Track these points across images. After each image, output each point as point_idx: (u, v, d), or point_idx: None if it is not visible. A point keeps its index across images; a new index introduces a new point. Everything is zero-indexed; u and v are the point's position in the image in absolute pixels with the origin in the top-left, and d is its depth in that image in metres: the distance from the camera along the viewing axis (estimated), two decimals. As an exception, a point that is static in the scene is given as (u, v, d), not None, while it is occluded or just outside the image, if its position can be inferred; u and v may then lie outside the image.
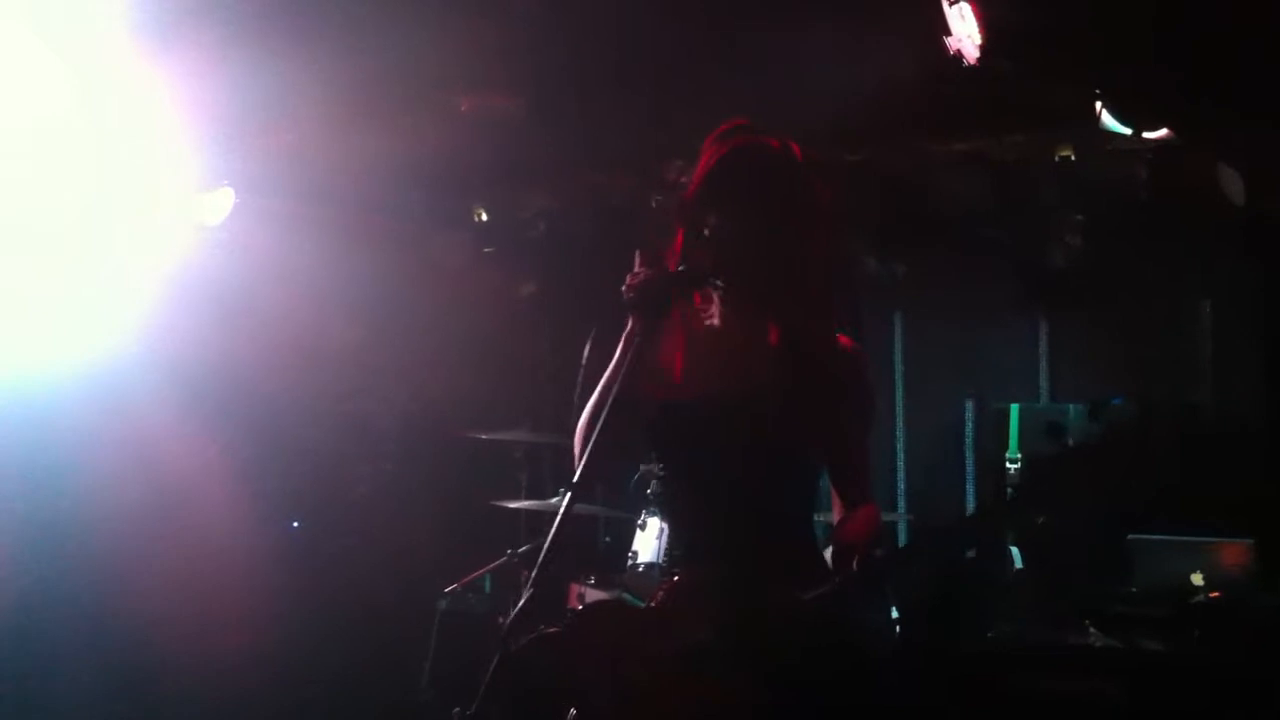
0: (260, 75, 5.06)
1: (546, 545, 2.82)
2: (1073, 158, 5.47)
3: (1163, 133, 5.18)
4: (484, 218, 6.81)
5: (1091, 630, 4.61)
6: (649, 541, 5.19)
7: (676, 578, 3.00)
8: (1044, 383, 5.84)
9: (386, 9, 4.91)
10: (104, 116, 5.16)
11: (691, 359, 3.04)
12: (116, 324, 5.37)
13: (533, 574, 2.77)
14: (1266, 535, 4.63)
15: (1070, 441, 2.74)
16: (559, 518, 2.85)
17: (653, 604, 3.04)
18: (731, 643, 2.79)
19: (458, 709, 2.88)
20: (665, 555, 3.17)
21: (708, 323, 3.07)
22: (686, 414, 3.00)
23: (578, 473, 2.92)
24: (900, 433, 5.91)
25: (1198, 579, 4.52)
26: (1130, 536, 4.77)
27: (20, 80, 4.94)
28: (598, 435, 2.88)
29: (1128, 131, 5.12)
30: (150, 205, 5.52)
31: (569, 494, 2.87)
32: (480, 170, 6.49)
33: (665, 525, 5.16)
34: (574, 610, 5.36)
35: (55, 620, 5.34)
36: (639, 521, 5.26)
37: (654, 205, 6.43)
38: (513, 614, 2.77)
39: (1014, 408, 5.37)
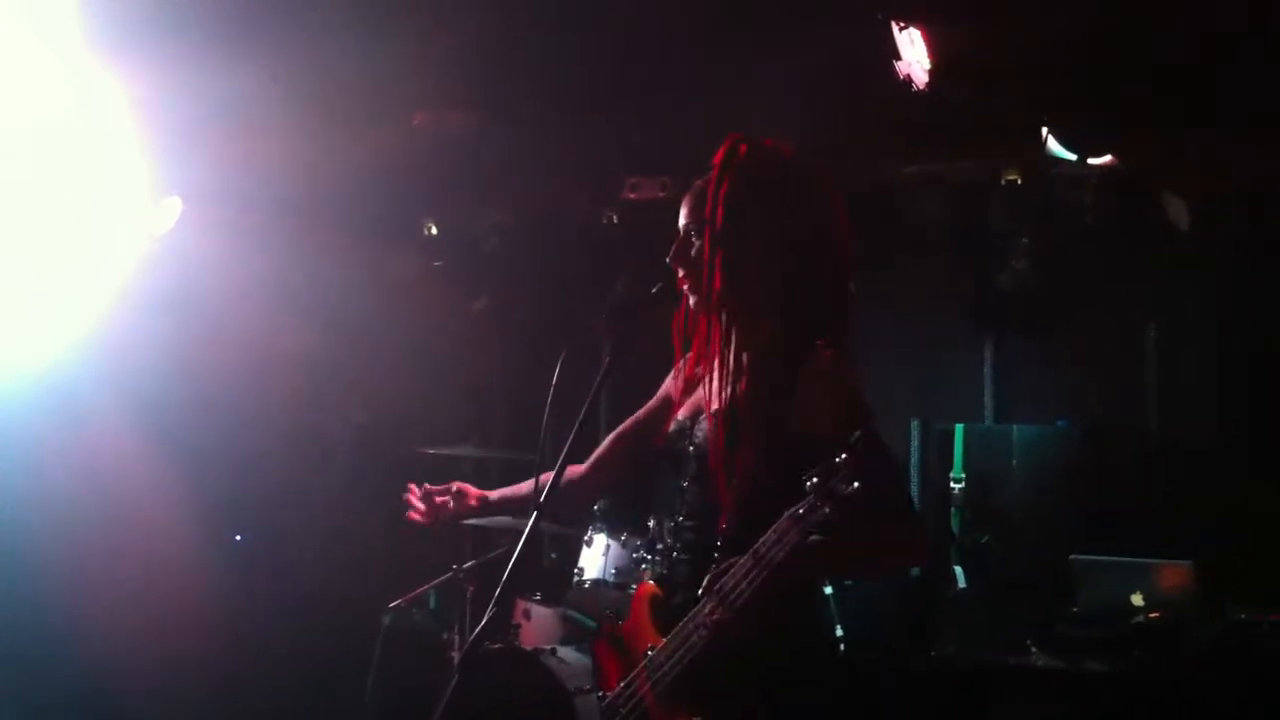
0: (213, 84, 5.03)
1: (510, 565, 2.82)
2: (1019, 181, 5.55)
3: (1107, 159, 5.28)
4: (434, 231, 6.80)
5: (1034, 650, 4.67)
6: (595, 558, 5.18)
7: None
8: (989, 404, 5.90)
9: (342, 21, 4.90)
10: (59, 122, 5.12)
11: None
12: (66, 331, 5.31)
13: (496, 594, 2.77)
14: (1211, 555, 4.70)
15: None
16: (524, 537, 2.86)
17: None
18: None
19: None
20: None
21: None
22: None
23: (543, 494, 2.93)
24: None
25: (1138, 599, 4.59)
26: (1072, 557, 4.82)
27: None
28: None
29: (1073, 157, 5.20)
30: (101, 213, 5.46)
31: (535, 514, 2.89)
32: (433, 183, 6.48)
33: (610, 541, 5.18)
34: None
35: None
36: (585, 538, 5.26)
37: (606, 222, 6.46)
38: (472, 634, 2.77)
39: (959, 428, 5.43)
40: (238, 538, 6.13)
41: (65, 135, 5.14)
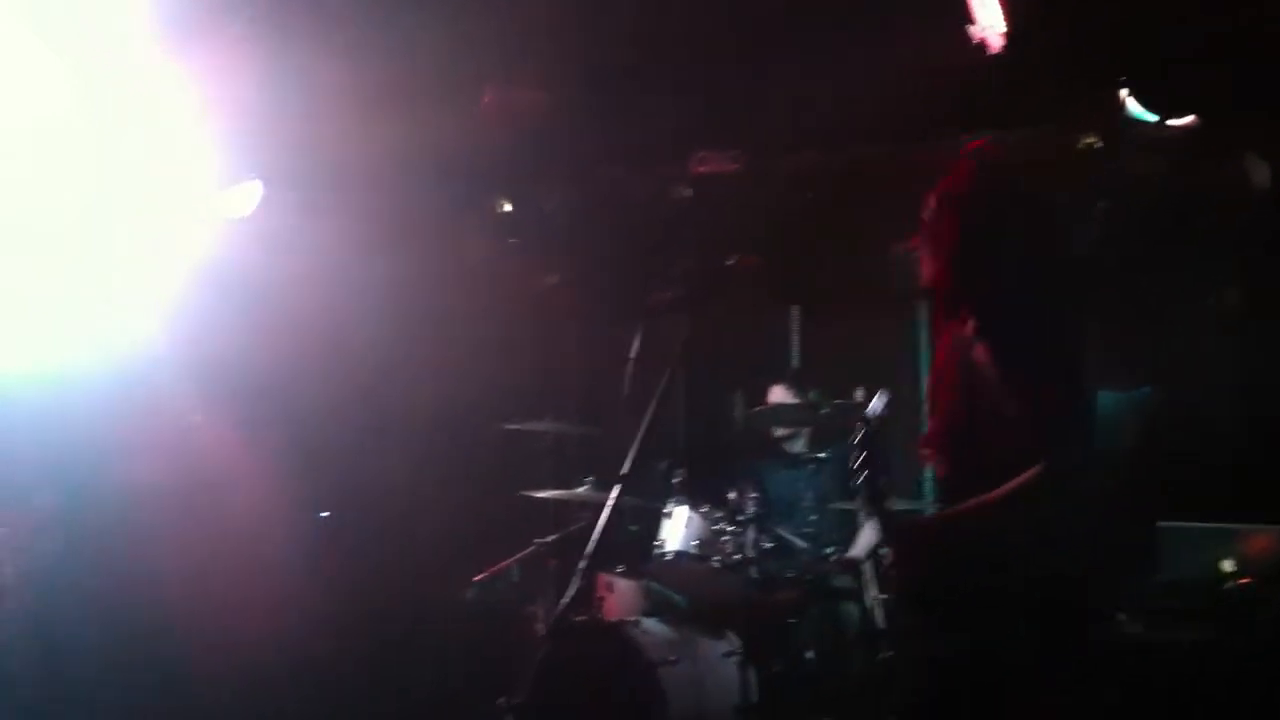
0: (286, 68, 5.09)
1: (596, 538, 2.86)
2: (1098, 145, 5.47)
3: (1189, 120, 5.19)
4: (508, 209, 6.83)
5: (1122, 619, 4.62)
6: (677, 530, 5.21)
7: None
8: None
9: (413, 1, 4.94)
10: (129, 111, 5.18)
11: None
12: (142, 319, 5.39)
13: (581, 566, 2.81)
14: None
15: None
16: (608, 509, 2.90)
17: None
18: None
19: (503, 699, 2.93)
20: None
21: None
22: None
23: (628, 464, 2.98)
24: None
25: (1228, 566, 4.53)
26: (1159, 524, 4.77)
27: (25, 78, 4.94)
28: None
29: (1153, 119, 5.12)
30: (177, 199, 5.54)
31: (619, 486, 2.92)
32: (505, 162, 6.51)
33: (691, 514, 5.21)
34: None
35: (86, 616, 5.37)
36: (666, 510, 5.28)
37: (679, 198, 6.46)
38: (559, 607, 2.82)
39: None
40: (323, 515, 6.21)
41: (139, 123, 5.20)
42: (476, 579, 5.80)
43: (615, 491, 2.95)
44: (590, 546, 2.93)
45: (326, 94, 5.35)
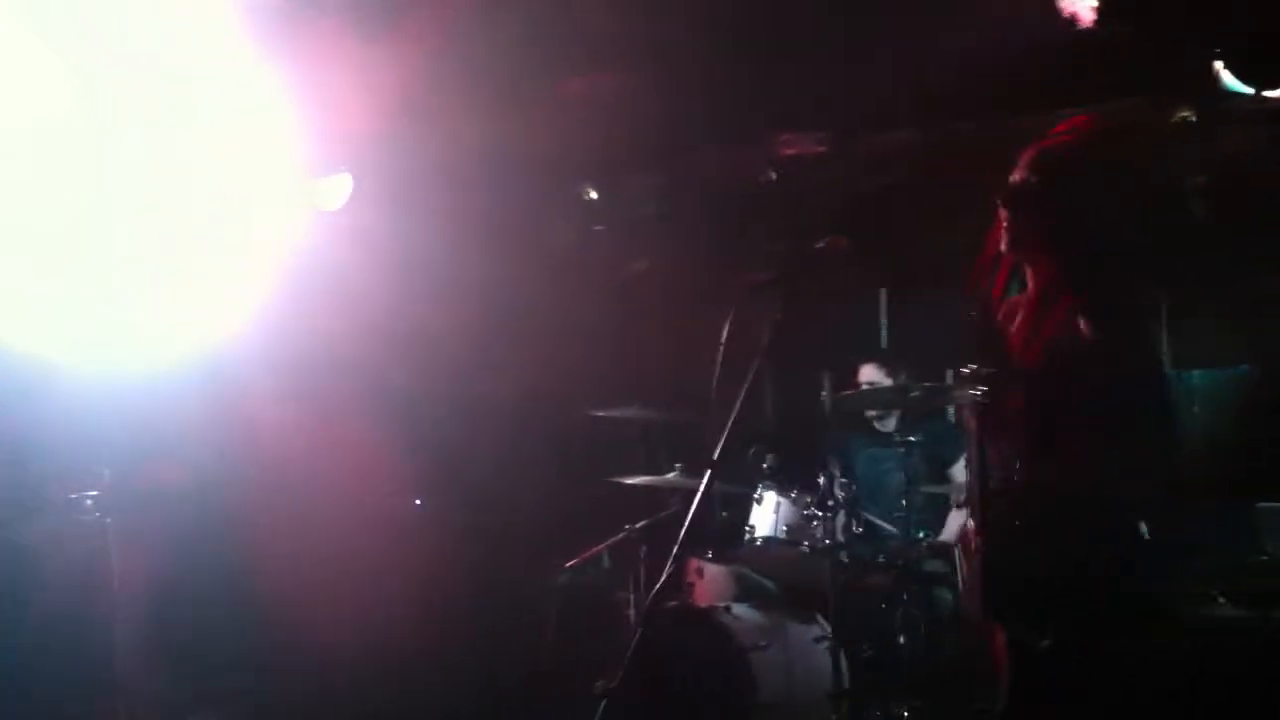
0: (375, 62, 5.14)
1: (687, 523, 2.88)
2: (1192, 119, 5.35)
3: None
4: (593, 196, 6.84)
5: (1221, 600, 4.54)
6: (766, 515, 5.21)
7: None
8: (1166, 350, 5.73)
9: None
10: (223, 104, 5.26)
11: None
12: (237, 311, 5.48)
13: (673, 551, 2.83)
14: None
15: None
16: (699, 495, 2.91)
17: None
18: None
19: (600, 682, 2.96)
20: None
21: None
22: None
23: (718, 450, 2.99)
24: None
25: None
26: (1259, 504, 4.68)
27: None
28: None
29: (1249, 91, 5.00)
30: (268, 192, 5.62)
31: (710, 471, 2.94)
32: (589, 150, 6.53)
33: (781, 499, 5.20)
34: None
35: (192, 601, 5.50)
36: (755, 496, 5.28)
37: (765, 180, 6.42)
38: (651, 592, 2.84)
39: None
40: (417, 503, 6.30)
41: (230, 116, 5.27)
42: (568, 565, 5.85)
43: (706, 477, 2.95)
44: (681, 532, 2.94)
45: (414, 86, 5.40)
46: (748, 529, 5.26)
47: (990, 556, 2.95)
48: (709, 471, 3.10)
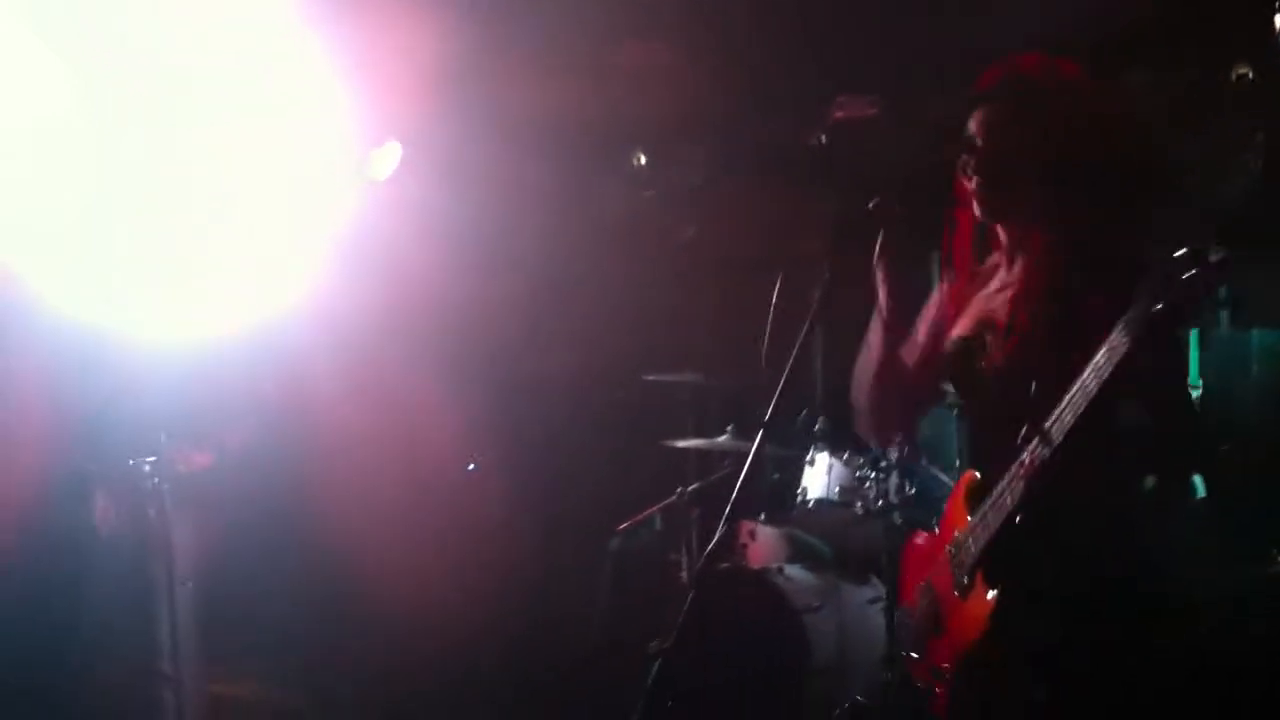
0: (423, 29, 5.16)
1: (739, 485, 2.90)
2: (1250, 76, 5.26)
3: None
4: (643, 162, 6.84)
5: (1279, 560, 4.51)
6: (818, 478, 5.22)
7: None
8: (1225, 309, 5.66)
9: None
10: (265, 79, 5.29)
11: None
12: (292, 282, 5.52)
13: (726, 512, 2.85)
14: None
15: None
16: (750, 457, 2.93)
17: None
18: None
19: (654, 641, 2.99)
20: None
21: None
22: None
23: (769, 412, 3.00)
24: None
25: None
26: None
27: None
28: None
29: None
30: (319, 164, 5.65)
31: (761, 433, 2.95)
32: (640, 117, 6.52)
33: (833, 460, 5.20)
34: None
35: (248, 569, 5.58)
36: (807, 458, 5.29)
37: (816, 144, 6.38)
38: (703, 554, 2.87)
39: (1193, 334, 5.23)
40: (471, 467, 6.35)
41: (280, 87, 5.29)
42: (621, 528, 5.89)
43: (757, 439, 2.96)
44: (733, 494, 2.96)
45: (464, 55, 5.41)
46: (799, 491, 5.27)
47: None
48: (759, 434, 3.12)
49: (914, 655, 3.10)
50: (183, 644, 4.90)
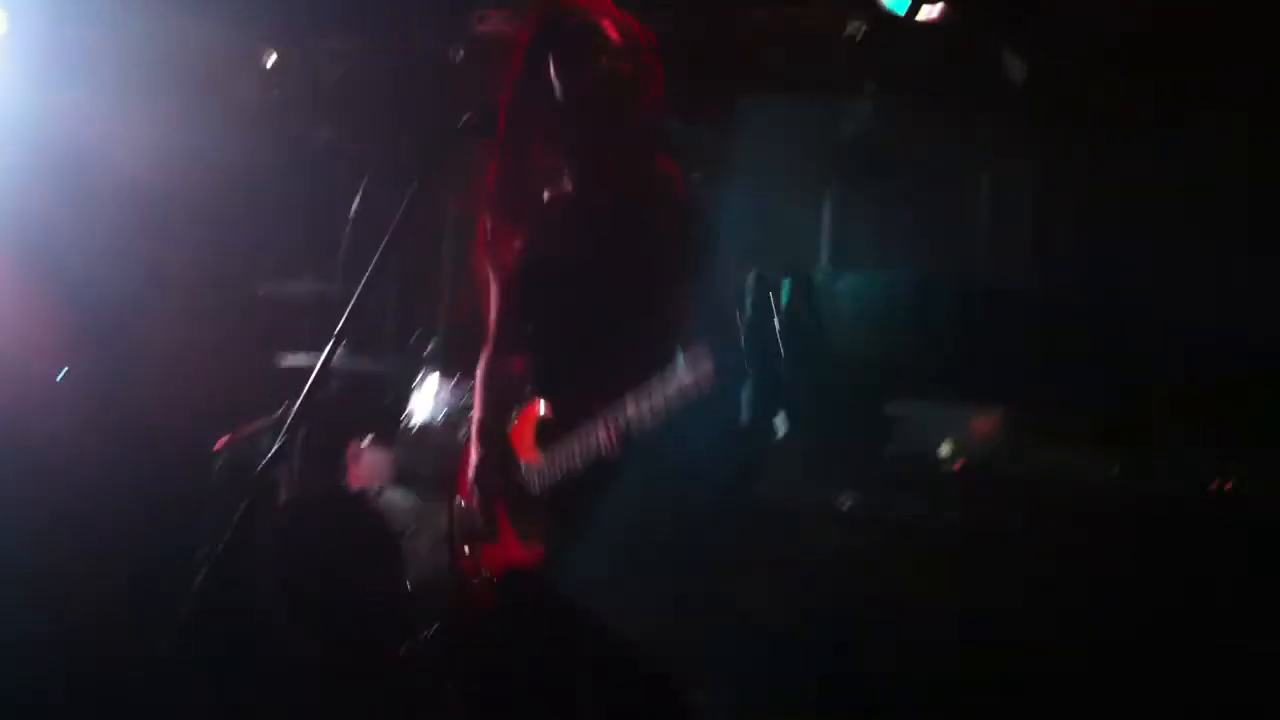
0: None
1: (301, 397, 2.84)
2: (864, 29, 5.50)
3: (937, 11, 5.26)
4: (274, 60, 6.56)
5: (853, 492, 4.78)
6: (425, 402, 5.16)
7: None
8: (825, 252, 5.95)
9: None
10: None
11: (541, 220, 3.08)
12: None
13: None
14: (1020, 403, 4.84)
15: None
16: (315, 371, 2.87)
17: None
18: None
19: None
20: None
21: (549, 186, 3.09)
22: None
23: (340, 324, 2.94)
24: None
25: (947, 448, 4.71)
26: (888, 402, 4.93)
27: None
28: None
29: (901, 12, 5.20)
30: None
31: (332, 345, 2.89)
32: (273, 11, 6.25)
33: (442, 384, 5.15)
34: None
35: None
36: (415, 380, 5.22)
37: (456, 58, 6.27)
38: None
39: (786, 281, 5.45)
40: (64, 371, 5.96)
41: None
42: (221, 444, 5.66)
43: (325, 350, 2.88)
44: (298, 405, 2.87)
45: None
46: (405, 415, 5.20)
47: None
48: (329, 345, 3.04)
49: (465, 549, 3.17)
50: None
